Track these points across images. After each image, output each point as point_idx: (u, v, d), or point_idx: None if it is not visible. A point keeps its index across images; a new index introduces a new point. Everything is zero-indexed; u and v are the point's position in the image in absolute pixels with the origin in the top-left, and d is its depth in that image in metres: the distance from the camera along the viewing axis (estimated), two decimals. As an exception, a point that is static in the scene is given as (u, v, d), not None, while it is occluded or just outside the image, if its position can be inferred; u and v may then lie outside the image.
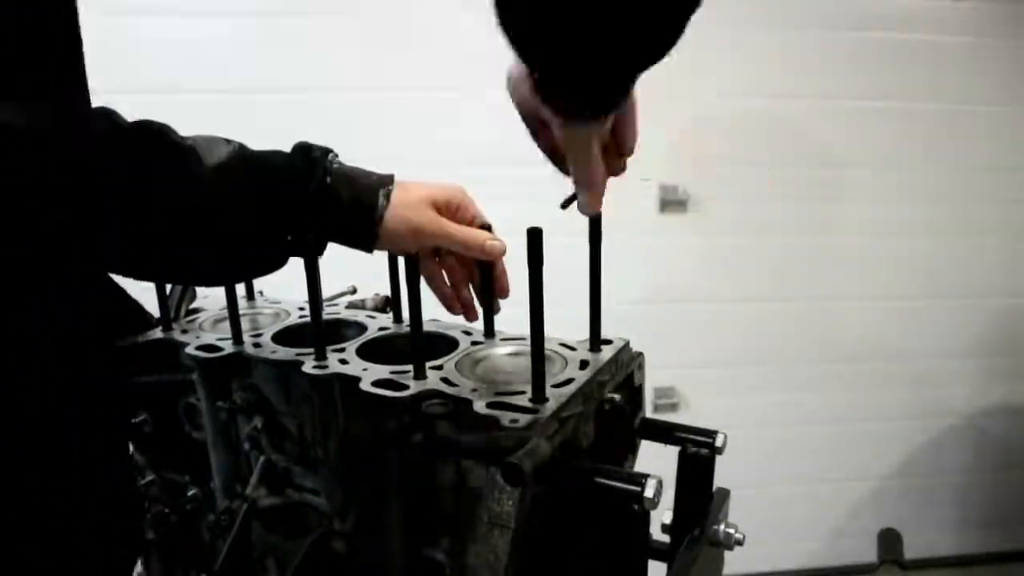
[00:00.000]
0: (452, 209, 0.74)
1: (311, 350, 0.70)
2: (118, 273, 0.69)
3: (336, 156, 0.71)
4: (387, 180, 0.72)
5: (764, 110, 2.16)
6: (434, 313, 0.80)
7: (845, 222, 2.26)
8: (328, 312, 0.87)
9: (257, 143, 1.04)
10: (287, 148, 0.72)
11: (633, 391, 0.75)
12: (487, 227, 0.75)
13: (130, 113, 0.73)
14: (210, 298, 0.92)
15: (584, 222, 0.70)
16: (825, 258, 2.28)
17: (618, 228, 2.15)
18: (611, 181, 0.77)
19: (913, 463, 2.47)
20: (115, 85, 1.92)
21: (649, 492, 0.54)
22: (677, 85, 2.11)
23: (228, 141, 0.68)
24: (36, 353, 0.52)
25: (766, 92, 2.15)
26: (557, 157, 0.65)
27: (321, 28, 1.93)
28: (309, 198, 0.68)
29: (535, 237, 0.59)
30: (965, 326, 2.39)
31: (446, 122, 2.00)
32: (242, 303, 0.89)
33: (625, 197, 2.24)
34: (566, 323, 0.79)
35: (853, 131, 2.19)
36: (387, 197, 0.70)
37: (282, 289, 0.95)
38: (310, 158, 0.70)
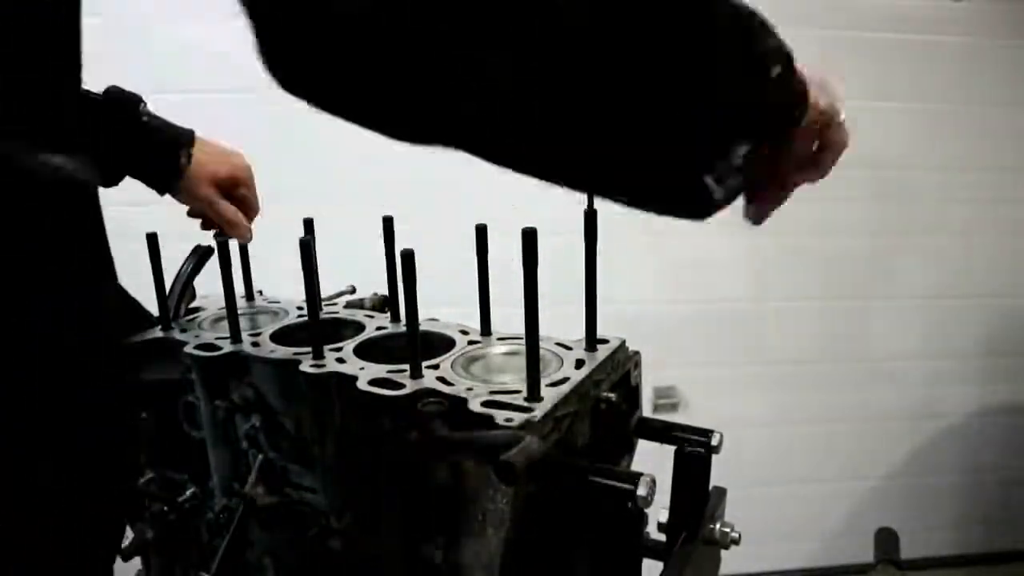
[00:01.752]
0: (229, 185, 0.90)
1: (309, 349, 0.71)
2: None
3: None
4: (188, 139, 0.88)
5: (764, 110, 2.16)
6: (432, 312, 0.80)
7: (845, 222, 2.26)
8: (326, 311, 0.87)
9: (258, 143, 1.05)
10: (290, 147, 0.73)
11: (629, 390, 0.75)
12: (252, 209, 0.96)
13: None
14: (210, 298, 0.92)
15: (579, 221, 0.71)
16: (825, 258, 2.29)
17: (618, 228, 2.17)
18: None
19: (912, 463, 2.47)
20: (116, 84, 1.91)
21: (642, 491, 0.55)
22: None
23: None
24: (37, 353, 0.52)
25: (766, 92, 2.15)
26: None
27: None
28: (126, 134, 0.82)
29: (530, 238, 0.60)
30: (966, 326, 2.39)
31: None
32: (241, 302, 0.90)
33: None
34: (565, 322, 0.80)
35: (853, 131, 2.19)
36: (188, 158, 0.87)
37: (281, 289, 0.95)
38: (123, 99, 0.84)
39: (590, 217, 0.69)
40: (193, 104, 1.91)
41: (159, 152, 0.87)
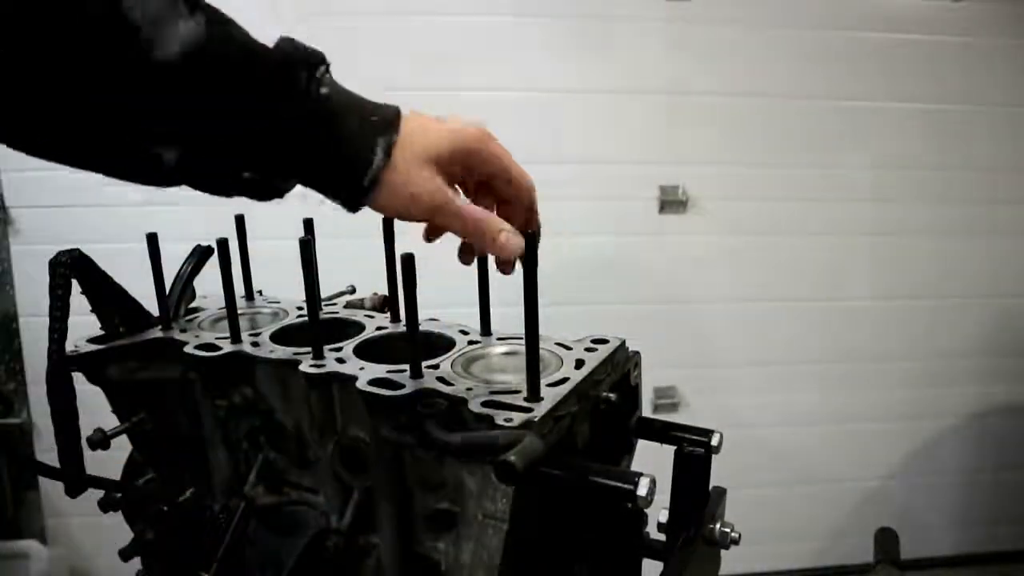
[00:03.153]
0: (466, 164, 0.59)
1: (309, 349, 0.71)
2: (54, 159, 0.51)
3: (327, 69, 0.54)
4: (390, 122, 0.55)
5: (765, 110, 2.16)
6: (431, 312, 0.80)
7: (845, 222, 2.27)
8: (326, 311, 0.87)
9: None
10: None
11: (629, 390, 0.75)
12: (519, 193, 0.63)
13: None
14: (210, 298, 0.92)
15: (588, 222, 0.70)
16: (825, 258, 2.29)
17: (618, 228, 2.18)
18: (612, 183, 0.76)
19: (913, 463, 2.47)
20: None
21: (642, 491, 0.54)
22: (678, 85, 2.12)
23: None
24: None
25: (767, 92, 2.16)
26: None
27: (322, 28, 1.94)
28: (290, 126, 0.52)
29: (530, 239, 0.60)
30: (965, 326, 2.39)
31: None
32: (241, 302, 0.90)
33: (625, 197, 2.25)
34: (566, 321, 0.80)
35: (854, 131, 2.19)
36: (386, 151, 0.54)
37: (281, 289, 0.95)
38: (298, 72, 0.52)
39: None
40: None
41: (339, 150, 0.54)
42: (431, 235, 0.67)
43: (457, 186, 0.62)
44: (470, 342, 0.76)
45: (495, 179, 0.63)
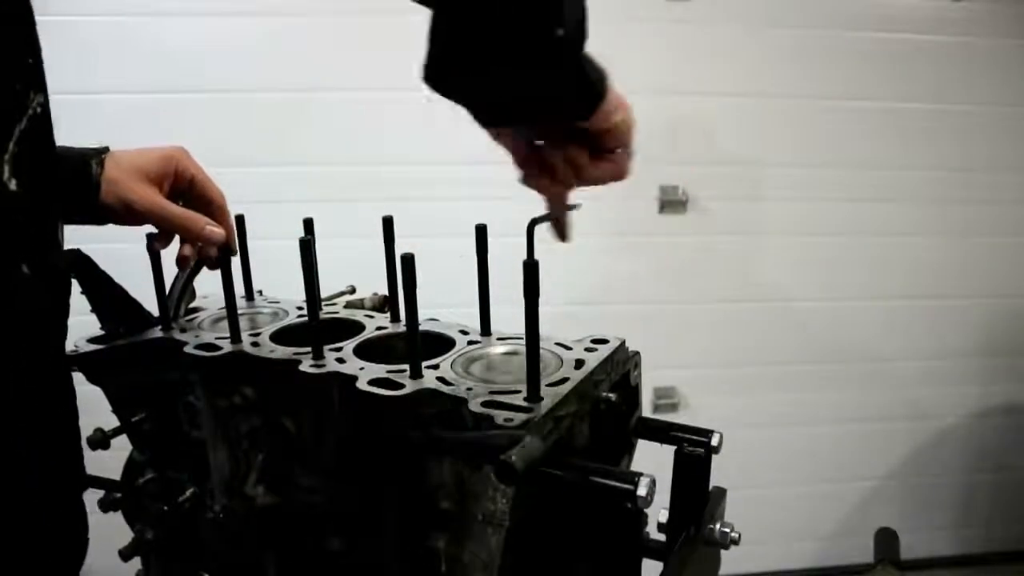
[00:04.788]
0: (169, 176, 0.76)
1: (309, 349, 0.71)
2: None
3: None
4: (99, 150, 0.73)
5: (765, 110, 2.16)
6: (431, 312, 0.80)
7: (845, 222, 2.26)
8: (326, 311, 0.87)
9: (258, 143, 1.04)
10: (290, 147, 0.71)
11: (629, 390, 0.75)
12: (213, 197, 0.78)
13: (130, 112, 0.73)
14: (210, 298, 0.92)
15: (588, 223, 0.70)
16: (826, 258, 2.29)
17: (618, 228, 2.17)
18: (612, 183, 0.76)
19: (912, 463, 2.47)
20: (117, 85, 1.92)
21: (642, 491, 0.54)
22: (678, 84, 2.12)
23: None
24: None
25: (767, 92, 2.16)
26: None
27: (321, 28, 1.94)
28: None
29: (531, 269, 0.60)
30: (966, 326, 2.39)
31: (446, 122, 2.01)
32: (241, 302, 0.90)
33: (625, 197, 2.25)
34: (566, 321, 0.80)
35: (854, 131, 2.19)
36: (100, 165, 0.72)
37: (281, 289, 0.95)
38: None
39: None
40: (201, 103, 1.92)
41: (64, 172, 0.71)
42: (159, 240, 0.79)
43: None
44: (470, 342, 0.76)
45: (195, 186, 0.78)
